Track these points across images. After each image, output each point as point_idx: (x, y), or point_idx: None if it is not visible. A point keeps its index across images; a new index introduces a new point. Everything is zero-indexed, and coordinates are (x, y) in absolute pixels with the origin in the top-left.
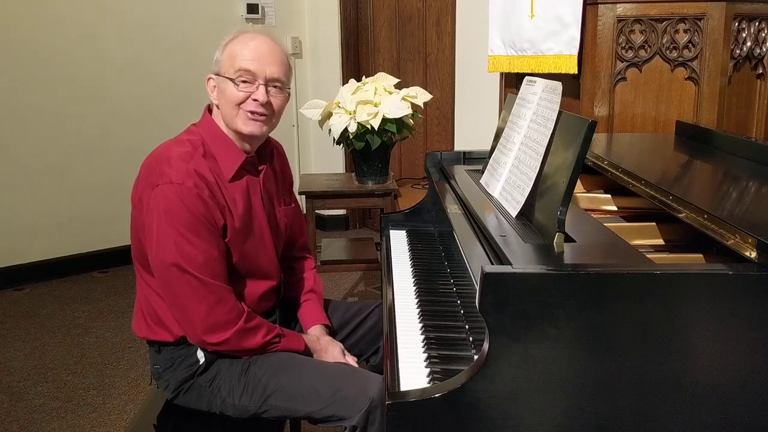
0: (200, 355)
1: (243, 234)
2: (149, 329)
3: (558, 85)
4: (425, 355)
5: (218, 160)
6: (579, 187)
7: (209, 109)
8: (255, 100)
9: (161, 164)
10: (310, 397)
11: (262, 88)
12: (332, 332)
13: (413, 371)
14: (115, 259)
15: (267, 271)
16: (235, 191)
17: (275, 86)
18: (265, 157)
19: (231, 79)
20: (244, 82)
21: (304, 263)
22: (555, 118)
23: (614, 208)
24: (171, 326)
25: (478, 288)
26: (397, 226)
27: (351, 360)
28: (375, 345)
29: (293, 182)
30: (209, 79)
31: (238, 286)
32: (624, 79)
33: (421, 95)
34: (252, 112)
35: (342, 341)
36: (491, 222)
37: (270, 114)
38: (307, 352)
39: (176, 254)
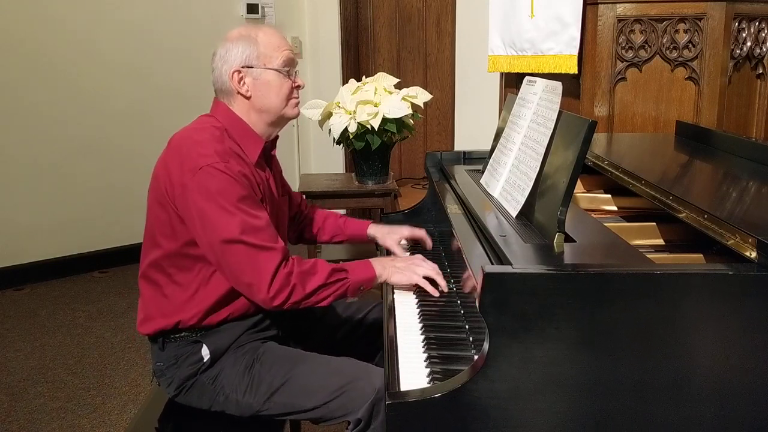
0: (205, 353)
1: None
2: (160, 320)
3: (558, 85)
4: (425, 355)
5: (242, 146)
6: (579, 187)
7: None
8: (299, 86)
9: (195, 148)
10: (317, 392)
11: (298, 74)
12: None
13: (413, 371)
14: (115, 259)
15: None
16: (260, 175)
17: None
18: (274, 143)
19: (278, 70)
20: (289, 71)
21: (314, 212)
22: (555, 118)
23: (614, 208)
24: (188, 309)
25: (478, 288)
26: None
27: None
28: (374, 344)
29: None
30: (237, 72)
31: None
32: (624, 79)
33: (421, 95)
34: (295, 97)
35: (341, 340)
36: (491, 222)
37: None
38: (381, 271)
39: (237, 229)
